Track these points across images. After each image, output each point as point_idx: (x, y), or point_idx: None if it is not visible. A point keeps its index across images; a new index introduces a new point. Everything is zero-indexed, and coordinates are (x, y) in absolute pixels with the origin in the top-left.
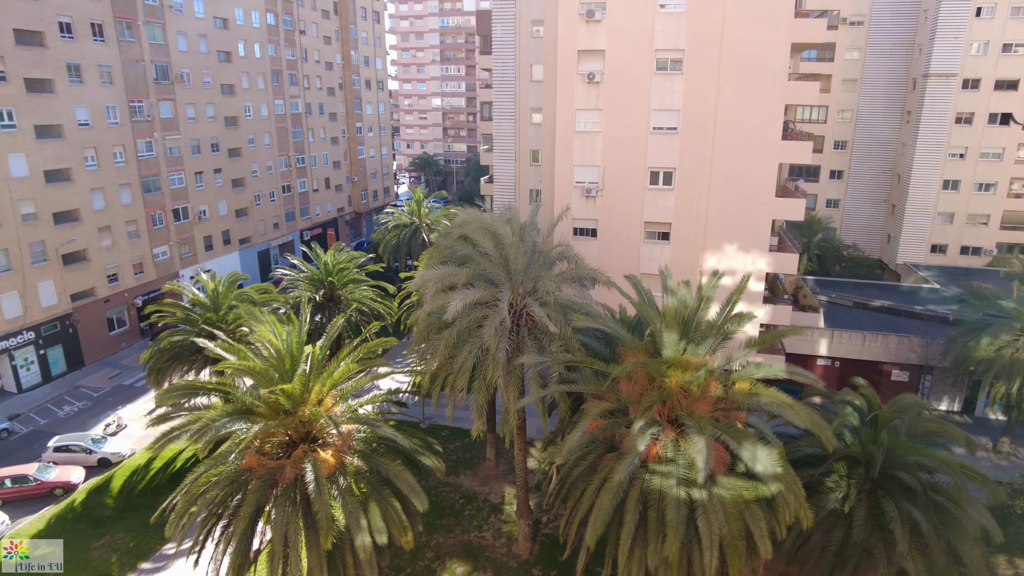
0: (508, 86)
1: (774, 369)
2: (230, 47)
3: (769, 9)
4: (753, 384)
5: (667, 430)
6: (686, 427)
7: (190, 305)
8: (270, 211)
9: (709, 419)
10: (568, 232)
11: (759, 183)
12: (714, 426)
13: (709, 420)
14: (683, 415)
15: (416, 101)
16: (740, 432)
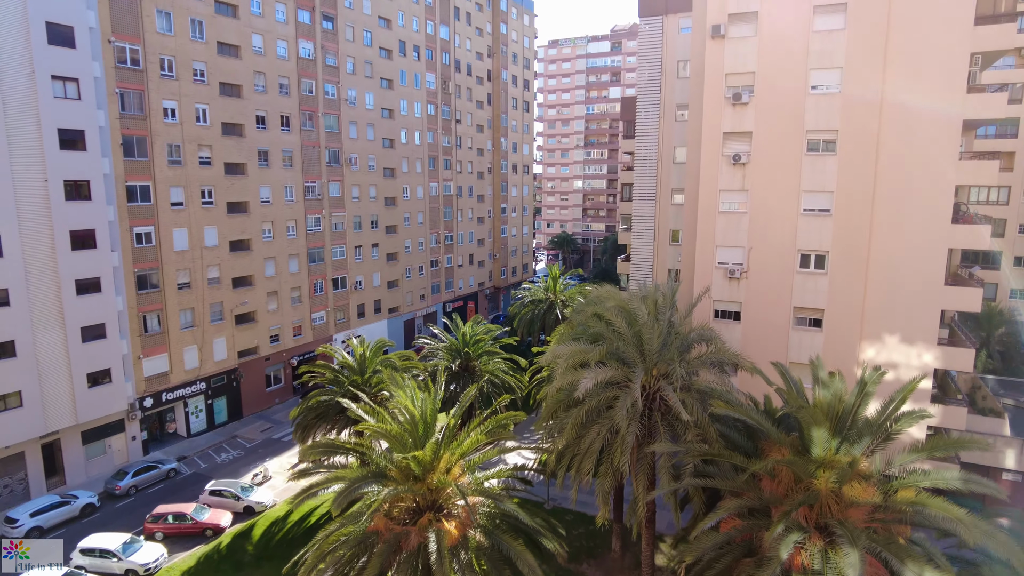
0: (650, 168)
1: (946, 476)
2: (393, 135)
3: (935, 87)
4: (919, 493)
5: (814, 538)
6: (836, 536)
7: (339, 367)
8: (418, 283)
9: (864, 530)
10: (708, 314)
11: (925, 270)
12: (870, 538)
13: (864, 531)
14: (833, 522)
15: (558, 183)
16: (902, 548)
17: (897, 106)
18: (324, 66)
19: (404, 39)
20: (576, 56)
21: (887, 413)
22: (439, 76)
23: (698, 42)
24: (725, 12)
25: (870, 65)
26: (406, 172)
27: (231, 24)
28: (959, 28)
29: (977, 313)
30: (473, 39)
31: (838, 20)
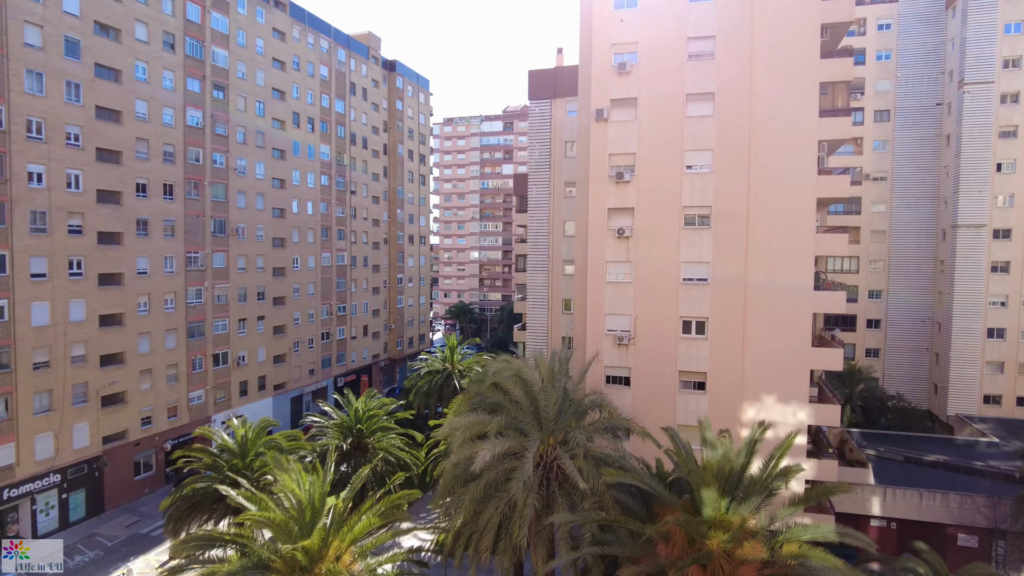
0: (542, 240)
1: (823, 530)
2: (285, 205)
3: (790, 169)
4: (802, 546)
5: None
6: None
7: (218, 451)
8: (307, 357)
9: None
10: (601, 380)
11: (794, 333)
12: None
13: None
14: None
15: (455, 254)
16: None
17: (762, 184)
18: (213, 135)
19: (299, 111)
20: (471, 134)
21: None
22: (334, 148)
23: (584, 125)
24: (607, 98)
25: (737, 148)
26: (297, 242)
27: (112, 89)
28: (808, 118)
29: (840, 371)
30: (369, 114)
31: (707, 108)
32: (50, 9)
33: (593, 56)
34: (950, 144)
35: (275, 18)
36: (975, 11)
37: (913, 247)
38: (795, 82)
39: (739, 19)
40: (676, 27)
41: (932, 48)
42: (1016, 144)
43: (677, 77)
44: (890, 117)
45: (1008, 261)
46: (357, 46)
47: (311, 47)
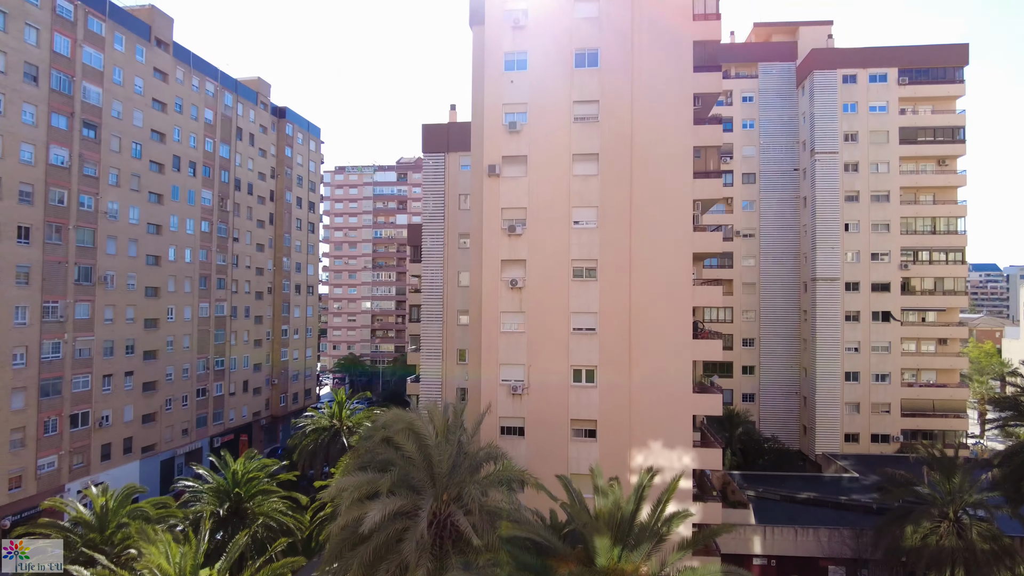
0: (436, 291)
1: (710, 571)
2: (160, 252)
3: (669, 226)
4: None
5: None
6: None
7: (71, 524)
8: (180, 416)
9: None
10: (496, 431)
11: (677, 380)
12: None
13: None
14: None
15: (346, 304)
16: None
17: (644, 239)
18: (81, 176)
19: (179, 154)
20: (363, 183)
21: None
22: (217, 193)
23: (477, 179)
24: (499, 154)
25: (620, 205)
26: (173, 291)
27: None
28: (684, 179)
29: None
30: (256, 159)
31: (592, 167)
32: None
33: (485, 114)
34: (806, 205)
35: (156, 57)
36: (819, 91)
37: (780, 298)
38: (671, 145)
39: (620, 85)
40: (562, 91)
41: (788, 120)
42: (859, 207)
43: (564, 137)
44: (756, 179)
45: (858, 311)
46: (245, 91)
47: (196, 90)
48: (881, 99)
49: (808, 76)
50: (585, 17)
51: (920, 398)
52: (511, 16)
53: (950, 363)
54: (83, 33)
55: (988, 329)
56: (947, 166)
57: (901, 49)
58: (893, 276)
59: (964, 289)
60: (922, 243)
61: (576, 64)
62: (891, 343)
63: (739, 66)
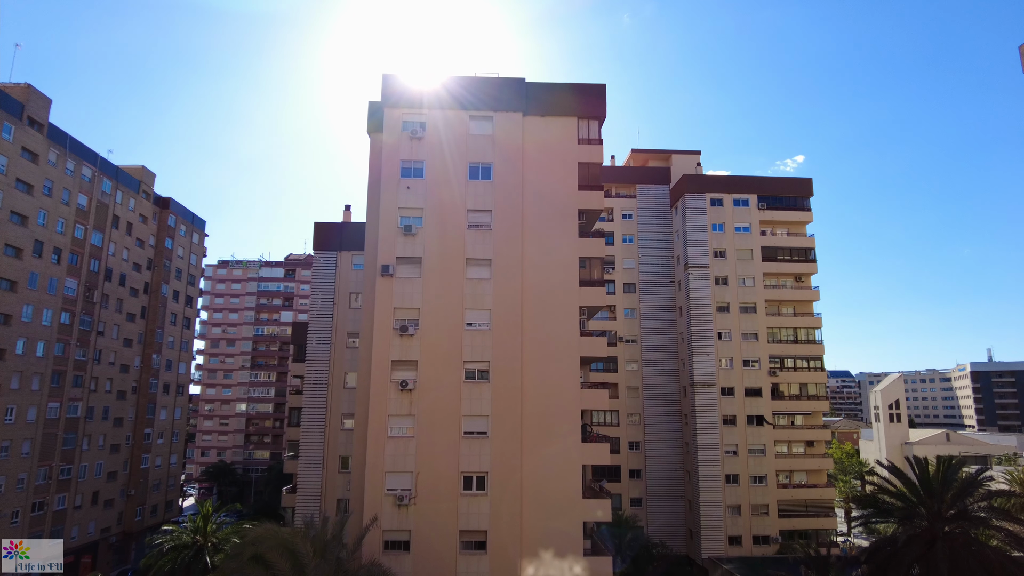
0: (320, 392)
1: None
2: (6, 344)
3: (558, 330)
4: None
5: None
6: None
7: None
8: (8, 535)
9: None
10: (379, 546)
11: (566, 485)
12: None
13: None
14: None
15: (219, 406)
16: None
17: (534, 342)
18: None
19: (43, 239)
20: (248, 278)
21: None
22: (83, 283)
23: (369, 278)
24: (393, 255)
25: (511, 309)
26: (16, 389)
27: None
28: (570, 287)
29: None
30: (132, 249)
31: (485, 272)
32: None
33: (381, 216)
34: (682, 315)
35: (27, 137)
36: (690, 212)
37: (662, 402)
38: (559, 255)
39: (512, 198)
40: (457, 199)
41: (663, 236)
42: (729, 317)
43: (458, 242)
44: (636, 289)
45: (734, 414)
46: (126, 178)
47: (70, 173)
48: (744, 221)
49: (681, 198)
50: (479, 134)
51: (794, 499)
52: (409, 127)
53: (818, 464)
54: None
55: (847, 431)
56: (803, 282)
57: (759, 179)
58: (763, 381)
59: (825, 394)
60: (786, 351)
61: (471, 176)
62: (766, 445)
63: (619, 186)
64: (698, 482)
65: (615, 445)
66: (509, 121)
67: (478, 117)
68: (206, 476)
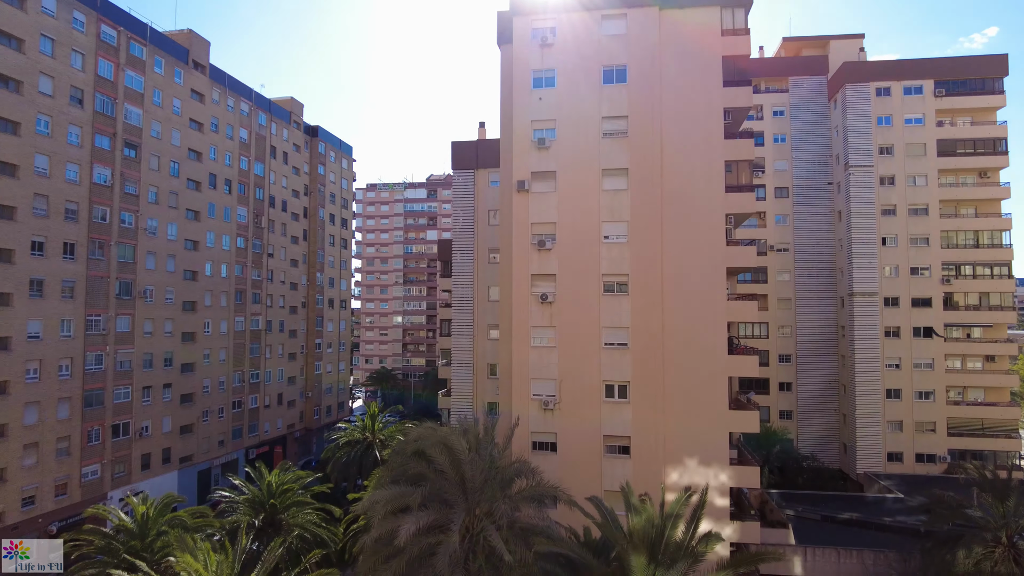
0: (466, 305)
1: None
2: (197, 267)
3: (701, 240)
4: None
5: None
6: None
7: (113, 531)
8: (217, 428)
9: None
10: (527, 446)
11: (712, 397)
12: None
13: None
14: None
15: (378, 319)
16: None
17: (676, 254)
18: (122, 194)
19: (215, 172)
20: (394, 200)
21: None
22: (251, 210)
23: (506, 194)
24: (528, 170)
25: (650, 220)
26: (209, 306)
27: (10, 141)
28: (715, 193)
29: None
30: (289, 177)
31: (622, 182)
32: None
33: (514, 131)
34: (841, 220)
35: (194, 79)
36: (852, 105)
37: (816, 313)
38: (702, 159)
39: (649, 101)
40: (591, 107)
41: (820, 133)
42: (896, 221)
43: (593, 153)
44: (789, 194)
45: (898, 326)
46: (279, 111)
47: (231, 110)
48: (917, 111)
49: (840, 89)
50: (612, 34)
51: (968, 417)
52: (539, 35)
53: (999, 381)
54: (125, 57)
55: None
56: (988, 178)
57: (936, 61)
58: (935, 291)
59: (1012, 304)
60: (964, 257)
61: (604, 80)
62: (934, 360)
63: (769, 80)
64: (855, 396)
65: (764, 357)
66: (644, 17)
67: (610, 16)
68: (370, 381)
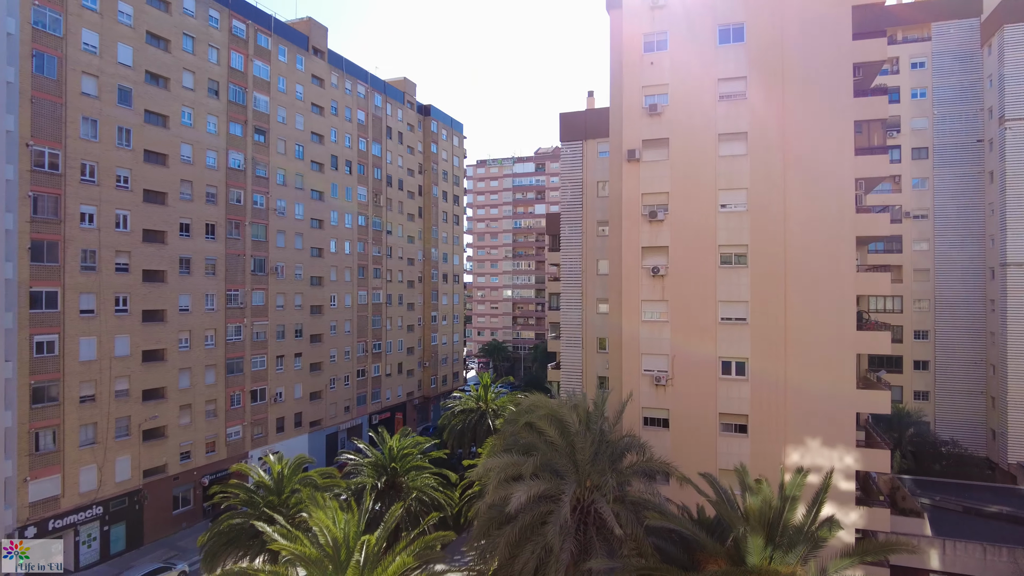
0: (575, 279)
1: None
2: (322, 244)
3: (828, 207)
4: None
5: None
6: None
7: (254, 487)
8: (343, 395)
9: None
10: (638, 421)
11: (838, 374)
12: None
13: None
14: None
15: (488, 292)
16: None
17: (799, 223)
18: (254, 177)
19: (336, 154)
20: (503, 175)
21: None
22: (370, 189)
23: (615, 164)
24: (639, 139)
25: (772, 187)
26: (334, 280)
27: (160, 133)
28: (843, 156)
29: (888, 415)
30: (404, 156)
31: (740, 147)
32: (106, 60)
33: (624, 98)
34: (994, 181)
35: (314, 65)
36: (1011, 48)
37: (959, 286)
38: (828, 120)
39: (769, 60)
40: (706, 69)
41: (969, 85)
42: None
43: (708, 117)
44: (928, 154)
45: None
46: (393, 91)
47: (348, 93)
48: None
49: (997, 32)
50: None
51: None
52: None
53: None
54: (253, 48)
55: None
56: None
57: None
58: None
59: None
60: None
61: (720, 40)
62: None
63: (907, 29)
64: (1006, 378)
65: (897, 334)
66: None
67: None
68: (482, 352)
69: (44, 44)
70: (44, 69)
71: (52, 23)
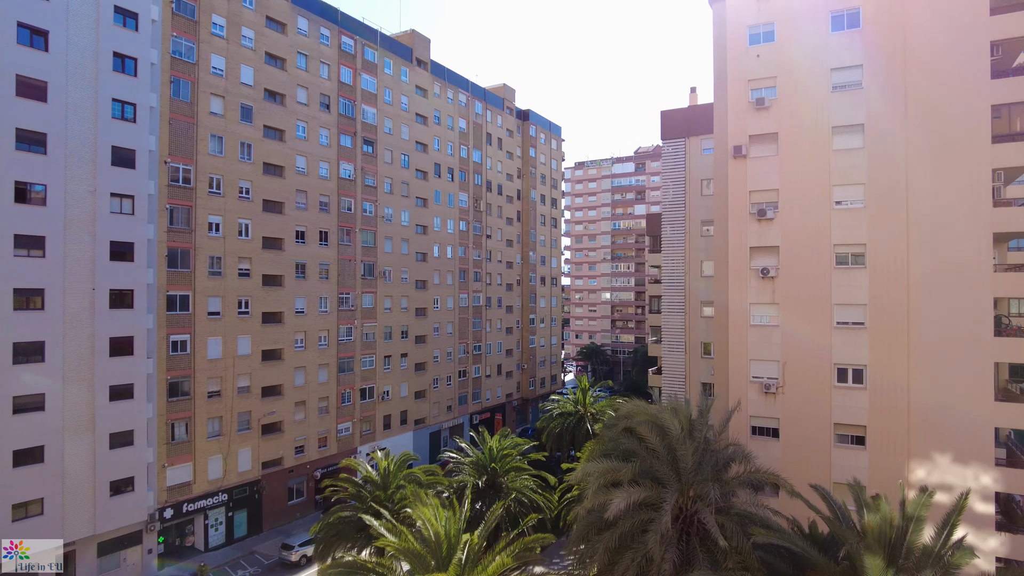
0: (677, 281)
1: None
2: (426, 249)
3: (958, 201)
4: None
5: None
6: None
7: (362, 481)
8: (445, 394)
9: None
10: (745, 430)
11: (971, 385)
12: None
13: None
14: None
15: (586, 295)
16: None
17: (924, 219)
18: (363, 186)
19: (439, 162)
20: (602, 176)
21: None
22: (471, 195)
23: (720, 162)
24: (746, 134)
25: (892, 181)
26: (437, 284)
27: (277, 147)
28: (977, 146)
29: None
30: (504, 162)
31: (856, 140)
32: (230, 81)
33: (728, 92)
34: None
35: (418, 77)
36: None
37: None
38: (959, 106)
39: (889, 45)
40: (817, 59)
41: None
42: None
43: (821, 110)
44: None
45: None
46: (492, 98)
47: (450, 102)
48: None
49: None
50: None
51: None
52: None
53: None
54: (361, 63)
55: None
56: None
57: None
58: None
59: None
60: None
61: (833, 28)
62: None
63: None
64: None
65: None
66: None
67: None
68: (581, 355)
69: (180, 71)
70: (180, 93)
71: (187, 51)
